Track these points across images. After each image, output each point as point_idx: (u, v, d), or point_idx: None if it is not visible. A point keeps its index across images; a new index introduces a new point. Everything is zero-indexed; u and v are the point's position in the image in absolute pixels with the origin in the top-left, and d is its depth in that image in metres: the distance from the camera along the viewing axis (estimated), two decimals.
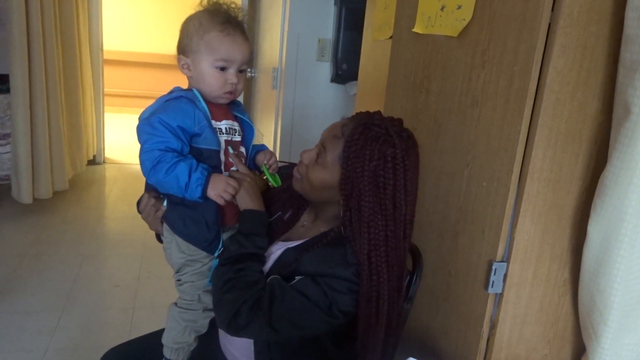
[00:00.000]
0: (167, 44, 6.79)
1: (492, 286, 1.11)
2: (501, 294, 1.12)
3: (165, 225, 1.12)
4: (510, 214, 1.08)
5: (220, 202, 1.04)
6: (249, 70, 3.74)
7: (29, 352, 2.04)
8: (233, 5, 1.11)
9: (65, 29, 3.61)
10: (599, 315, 1.06)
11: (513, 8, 1.04)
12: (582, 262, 1.08)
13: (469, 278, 1.18)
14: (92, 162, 4.72)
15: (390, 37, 1.59)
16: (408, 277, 1.22)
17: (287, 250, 1.09)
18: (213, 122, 1.08)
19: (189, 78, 1.10)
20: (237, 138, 1.14)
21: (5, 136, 3.35)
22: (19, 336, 2.13)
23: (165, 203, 1.11)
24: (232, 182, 1.05)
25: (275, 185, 1.17)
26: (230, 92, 1.09)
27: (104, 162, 4.87)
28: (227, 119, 1.12)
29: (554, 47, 0.96)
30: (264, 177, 1.17)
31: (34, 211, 3.40)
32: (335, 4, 2.77)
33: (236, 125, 1.14)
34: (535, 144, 1.02)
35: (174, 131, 1.01)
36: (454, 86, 1.23)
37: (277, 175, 1.19)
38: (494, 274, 1.11)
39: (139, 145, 1.05)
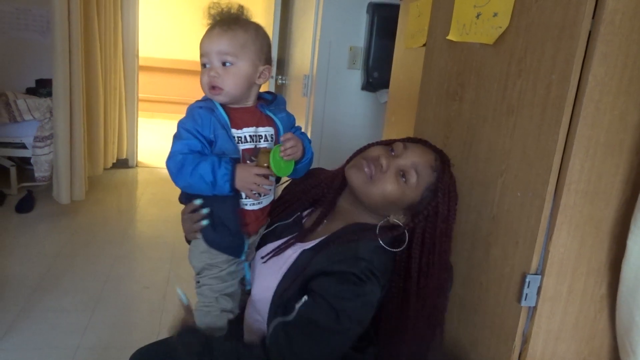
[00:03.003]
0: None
1: (525, 299, 1.09)
2: (534, 308, 1.09)
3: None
4: (545, 225, 1.05)
5: (249, 194, 1.05)
6: (279, 77, 3.77)
7: (62, 349, 2.09)
8: (229, 7, 1.11)
9: (91, 35, 3.71)
10: (638, 332, 1.02)
11: (552, 15, 1.02)
12: (620, 277, 1.04)
13: (501, 290, 1.16)
14: (125, 165, 4.83)
15: (424, 45, 1.58)
16: None
17: (303, 252, 1.08)
18: (233, 130, 1.06)
19: None
20: (264, 144, 1.11)
21: (45, 138, 3.46)
22: (51, 333, 2.19)
23: (204, 222, 1.09)
24: (257, 170, 1.03)
25: (275, 172, 1.07)
26: (213, 87, 1.06)
27: (136, 165, 4.97)
28: (250, 125, 1.09)
29: (595, 55, 0.94)
30: (267, 156, 1.06)
31: (69, 212, 3.50)
32: (367, 12, 2.77)
33: (262, 131, 1.11)
34: (572, 154, 0.99)
35: (194, 133, 1.02)
36: (489, 94, 1.21)
37: (289, 163, 1.10)
38: (528, 287, 1.08)
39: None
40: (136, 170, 4.93)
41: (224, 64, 1.06)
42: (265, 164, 1.06)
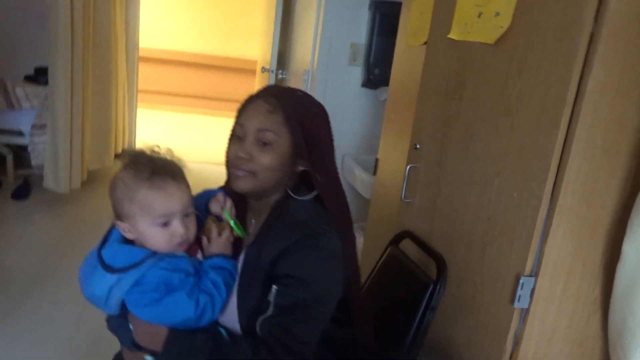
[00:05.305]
0: (201, 43, 6.90)
1: (518, 300, 1.09)
2: (527, 309, 1.09)
3: None
4: (541, 226, 1.05)
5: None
6: (280, 71, 3.76)
7: (56, 340, 2.09)
8: (156, 149, 1.04)
9: (102, 26, 3.69)
10: (630, 336, 1.01)
11: (553, 16, 1.01)
12: (615, 281, 1.04)
13: (495, 291, 1.16)
14: (123, 159, 4.82)
15: (425, 43, 1.57)
16: (431, 287, 1.20)
17: (247, 249, 1.06)
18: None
19: (134, 239, 1.02)
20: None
21: (43, 127, 3.44)
22: (46, 325, 2.18)
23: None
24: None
25: (241, 235, 1.06)
26: (182, 243, 1.00)
27: None
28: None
29: (596, 57, 0.94)
30: (229, 226, 1.06)
31: (66, 201, 3.48)
32: (369, 9, 2.76)
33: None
34: (570, 155, 0.99)
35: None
36: (488, 94, 1.20)
37: (238, 222, 1.08)
38: (521, 288, 1.08)
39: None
40: None
41: (186, 215, 1.01)
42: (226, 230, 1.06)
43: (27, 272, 2.58)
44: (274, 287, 0.98)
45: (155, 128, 5.88)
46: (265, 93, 1.06)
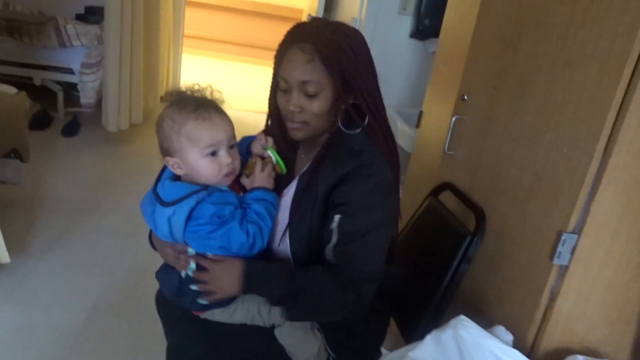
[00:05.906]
0: None
1: (558, 257, 1.07)
2: (567, 267, 1.08)
3: None
4: (589, 184, 1.02)
5: None
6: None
7: (100, 267, 2.21)
8: (197, 87, 1.08)
9: None
10: None
11: None
12: None
13: (535, 246, 1.14)
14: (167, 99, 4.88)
15: None
16: (469, 238, 1.20)
17: (300, 177, 1.11)
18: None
19: (183, 175, 1.07)
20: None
21: (92, 65, 3.51)
22: (91, 252, 2.31)
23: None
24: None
25: (283, 171, 1.11)
26: (229, 174, 1.05)
27: None
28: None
29: None
30: (272, 162, 1.10)
31: (112, 140, 3.58)
32: None
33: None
34: (629, 112, 0.95)
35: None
36: (547, 45, 1.15)
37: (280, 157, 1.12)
38: (562, 245, 1.06)
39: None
40: None
41: (231, 147, 1.06)
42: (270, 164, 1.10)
43: (74, 203, 2.70)
44: (336, 216, 1.01)
45: (199, 74, 5.92)
46: (298, 37, 1.04)
